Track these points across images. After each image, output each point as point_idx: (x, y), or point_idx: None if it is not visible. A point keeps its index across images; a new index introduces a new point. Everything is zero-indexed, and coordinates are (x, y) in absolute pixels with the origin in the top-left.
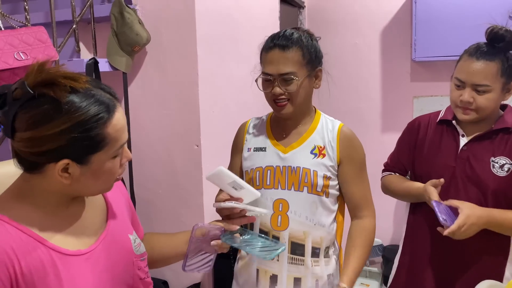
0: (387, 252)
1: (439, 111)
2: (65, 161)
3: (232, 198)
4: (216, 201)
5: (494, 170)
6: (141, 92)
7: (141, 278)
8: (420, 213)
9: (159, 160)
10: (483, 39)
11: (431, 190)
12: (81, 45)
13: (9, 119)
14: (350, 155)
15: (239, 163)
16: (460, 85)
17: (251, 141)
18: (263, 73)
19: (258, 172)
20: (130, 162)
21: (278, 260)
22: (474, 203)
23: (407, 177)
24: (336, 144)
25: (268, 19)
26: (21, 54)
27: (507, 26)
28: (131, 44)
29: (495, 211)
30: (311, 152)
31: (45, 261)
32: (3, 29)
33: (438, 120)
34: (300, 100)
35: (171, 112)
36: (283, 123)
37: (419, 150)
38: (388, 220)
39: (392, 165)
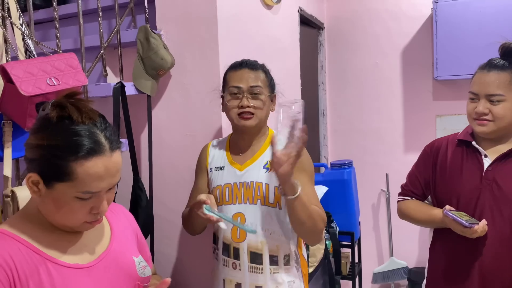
0: (412, 275)
1: (457, 133)
2: (35, 174)
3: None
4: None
5: None
6: (165, 115)
7: None
8: (442, 241)
9: (182, 181)
10: None
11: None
12: (108, 69)
13: None
14: (299, 164)
15: (204, 183)
16: (475, 97)
17: (213, 161)
18: (232, 87)
19: (218, 190)
20: (150, 182)
21: (240, 270)
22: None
23: (426, 201)
24: None
25: (288, 41)
26: (53, 79)
27: None
28: (156, 68)
29: None
30: (264, 167)
31: (40, 269)
32: (36, 55)
33: (457, 140)
34: (262, 115)
35: (195, 134)
36: (240, 143)
37: (441, 174)
38: (413, 243)
39: (410, 188)
